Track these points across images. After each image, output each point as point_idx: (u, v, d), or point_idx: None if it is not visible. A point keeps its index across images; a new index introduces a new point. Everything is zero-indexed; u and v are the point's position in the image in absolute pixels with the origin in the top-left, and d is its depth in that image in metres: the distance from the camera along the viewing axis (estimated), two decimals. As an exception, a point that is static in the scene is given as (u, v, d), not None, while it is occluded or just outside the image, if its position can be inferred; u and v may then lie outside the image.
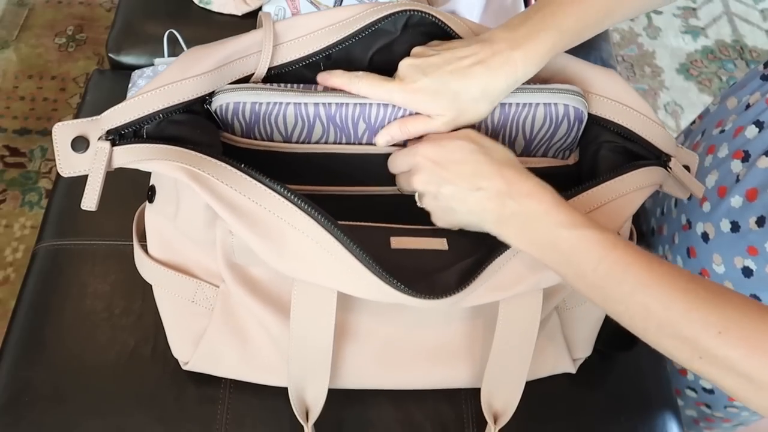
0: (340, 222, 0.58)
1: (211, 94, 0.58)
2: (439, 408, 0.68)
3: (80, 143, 0.53)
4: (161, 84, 0.55)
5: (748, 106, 0.73)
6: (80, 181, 0.87)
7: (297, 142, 0.61)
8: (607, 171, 0.57)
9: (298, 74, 0.61)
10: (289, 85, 0.59)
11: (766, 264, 0.66)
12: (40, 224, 0.82)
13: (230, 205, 0.51)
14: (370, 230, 0.60)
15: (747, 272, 0.67)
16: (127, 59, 1.00)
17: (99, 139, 0.53)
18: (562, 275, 0.52)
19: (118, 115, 0.54)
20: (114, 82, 0.95)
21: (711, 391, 0.78)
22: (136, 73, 0.92)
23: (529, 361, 0.60)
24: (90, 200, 0.52)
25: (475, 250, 0.57)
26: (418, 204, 0.59)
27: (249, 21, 1.00)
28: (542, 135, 0.62)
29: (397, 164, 0.60)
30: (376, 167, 0.63)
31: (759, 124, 0.68)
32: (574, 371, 0.69)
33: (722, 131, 0.74)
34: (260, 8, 0.99)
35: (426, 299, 0.52)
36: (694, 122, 0.87)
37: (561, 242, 0.50)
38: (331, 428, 0.60)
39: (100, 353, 0.69)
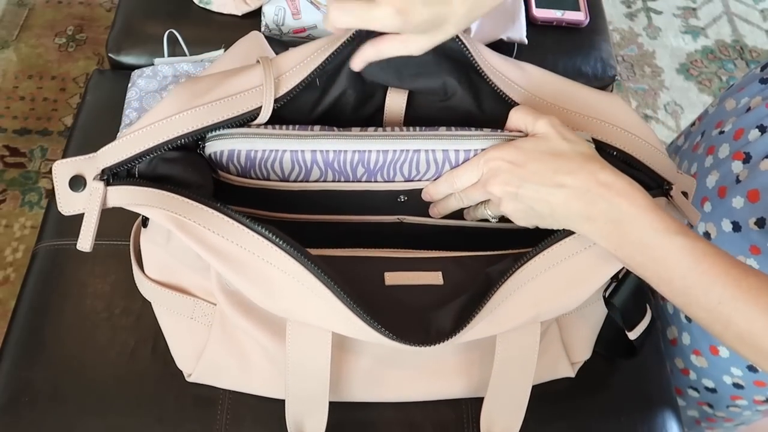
0: (337, 250, 0.58)
1: (203, 139, 0.56)
2: (439, 409, 0.68)
3: (78, 182, 0.52)
4: (156, 119, 0.53)
5: (748, 109, 0.73)
6: (80, 181, 0.87)
7: (295, 183, 0.60)
8: None
9: (296, 100, 0.59)
10: (284, 127, 0.58)
11: None
12: (40, 224, 0.82)
13: (218, 252, 0.51)
14: (365, 264, 0.59)
15: None
16: (127, 59, 1.00)
17: (94, 178, 0.52)
18: (644, 276, 0.52)
19: (113, 154, 0.53)
20: (114, 82, 0.94)
21: (713, 390, 0.78)
22: (135, 73, 0.92)
23: (529, 390, 0.60)
24: (85, 241, 0.52)
25: (472, 283, 0.57)
26: (491, 213, 0.58)
27: (249, 21, 1.00)
28: None
29: (460, 180, 0.57)
30: (375, 201, 0.62)
31: (762, 129, 0.69)
32: (573, 375, 0.69)
33: (722, 132, 0.74)
34: (260, 8, 0.99)
35: (419, 346, 0.51)
36: (693, 124, 0.87)
37: (652, 247, 0.50)
38: (331, 429, 0.60)
39: (100, 353, 0.70)
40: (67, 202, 0.53)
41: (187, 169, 0.54)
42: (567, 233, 0.55)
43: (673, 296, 0.51)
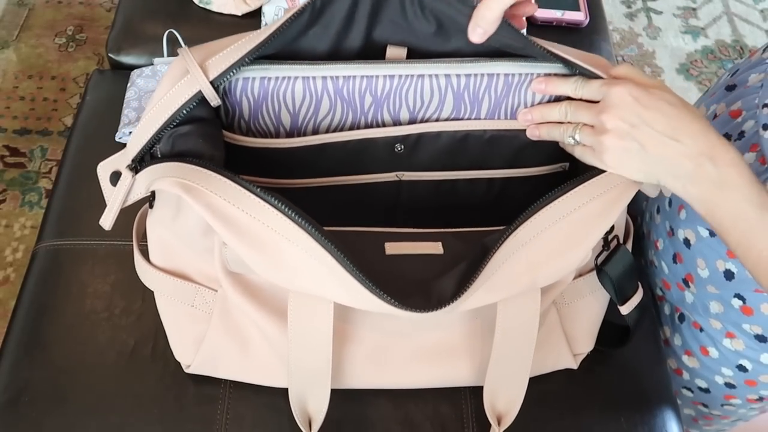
0: (336, 226, 0.58)
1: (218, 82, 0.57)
2: (438, 407, 0.68)
3: (116, 177, 0.57)
4: (158, 99, 0.56)
5: (715, 116, 0.73)
6: (80, 181, 0.88)
7: (304, 121, 0.62)
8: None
9: (298, 51, 0.60)
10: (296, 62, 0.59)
11: None
12: (40, 224, 0.82)
13: (223, 217, 0.51)
14: (365, 236, 0.60)
15: (728, 275, 0.67)
16: (127, 59, 1.00)
17: (126, 168, 0.56)
18: (724, 239, 0.54)
19: (136, 142, 0.56)
20: (114, 82, 0.95)
21: (707, 390, 0.78)
22: (135, 73, 0.92)
23: (531, 361, 0.60)
24: (105, 219, 0.57)
25: (470, 252, 0.57)
26: (579, 139, 0.58)
27: (249, 21, 1.00)
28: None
29: (585, 90, 0.58)
30: (373, 152, 0.64)
31: (727, 137, 0.69)
32: (575, 366, 0.69)
33: None
34: (260, 8, 0.99)
35: (421, 312, 0.52)
36: None
37: (744, 218, 0.52)
38: (331, 428, 0.60)
39: (100, 353, 0.70)
40: (109, 198, 0.57)
41: (198, 141, 0.56)
42: (553, 198, 0.55)
43: (744, 261, 0.54)
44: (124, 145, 0.85)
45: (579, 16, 1.03)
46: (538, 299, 0.58)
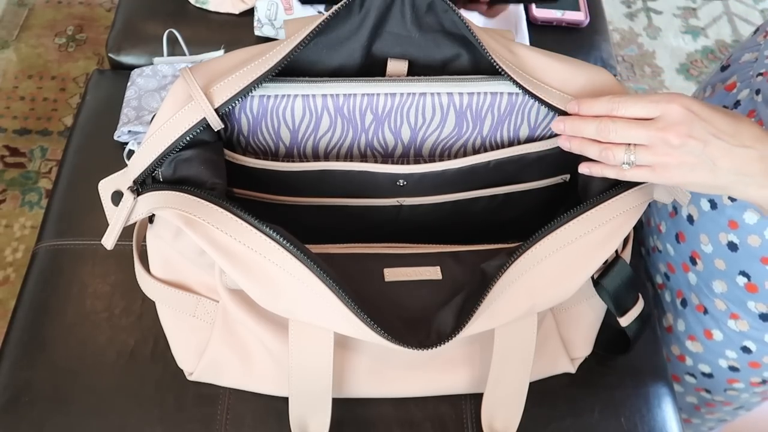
0: (336, 246, 0.58)
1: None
2: (439, 408, 0.68)
3: (117, 197, 0.56)
4: (161, 122, 0.55)
5: (712, 92, 0.75)
6: (80, 181, 0.87)
7: (303, 137, 0.61)
8: (604, 188, 0.57)
9: (297, 68, 0.59)
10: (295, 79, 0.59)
11: (747, 235, 0.66)
12: (40, 224, 0.82)
13: (225, 250, 0.52)
14: (364, 261, 0.60)
15: (732, 247, 0.68)
16: (127, 59, 1.00)
17: (128, 189, 0.55)
18: None
19: (138, 164, 0.55)
20: (114, 82, 0.95)
21: (710, 375, 0.78)
22: (135, 72, 0.92)
23: (528, 382, 0.60)
24: (107, 239, 0.55)
25: (469, 278, 0.58)
26: (635, 159, 0.54)
27: (246, 19, 1.00)
28: (546, 124, 0.63)
29: (626, 107, 0.54)
30: (375, 184, 0.63)
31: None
32: (573, 371, 0.69)
33: None
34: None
35: (419, 349, 0.53)
36: None
37: None
38: (331, 429, 0.60)
39: (100, 353, 0.70)
40: (111, 217, 0.56)
41: (200, 168, 0.55)
42: (557, 226, 0.55)
43: None
44: (123, 144, 0.86)
45: (579, 16, 1.03)
46: (534, 323, 0.58)
